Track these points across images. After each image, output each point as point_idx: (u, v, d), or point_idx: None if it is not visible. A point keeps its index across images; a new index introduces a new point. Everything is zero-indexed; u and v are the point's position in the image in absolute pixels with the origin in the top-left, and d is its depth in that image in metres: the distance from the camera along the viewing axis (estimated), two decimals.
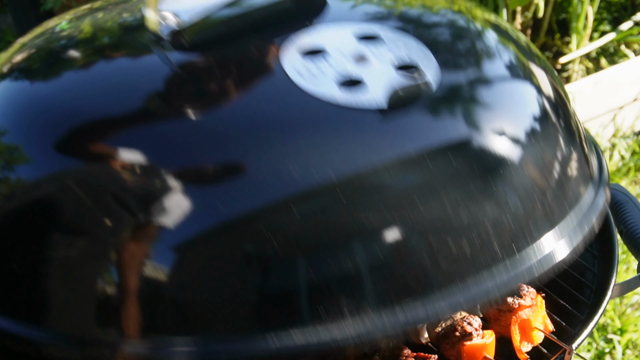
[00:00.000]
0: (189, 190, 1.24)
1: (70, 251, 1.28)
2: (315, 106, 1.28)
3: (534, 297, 1.76)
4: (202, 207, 1.23)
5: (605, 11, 4.78)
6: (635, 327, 3.35)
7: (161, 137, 1.29)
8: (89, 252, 1.27)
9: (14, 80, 1.47)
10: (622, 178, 4.04)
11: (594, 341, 3.30)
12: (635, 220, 2.12)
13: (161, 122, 1.32)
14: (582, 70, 4.60)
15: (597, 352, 3.28)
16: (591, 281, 2.02)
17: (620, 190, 2.20)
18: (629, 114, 4.39)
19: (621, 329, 3.34)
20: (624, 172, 4.08)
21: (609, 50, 4.75)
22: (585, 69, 4.62)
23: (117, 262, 1.24)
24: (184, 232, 1.24)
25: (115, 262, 1.24)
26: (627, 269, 3.57)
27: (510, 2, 4.10)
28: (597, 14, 4.68)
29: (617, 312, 3.41)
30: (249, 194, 1.23)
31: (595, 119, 4.30)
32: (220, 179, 1.25)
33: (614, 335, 3.33)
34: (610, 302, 2.67)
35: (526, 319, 1.75)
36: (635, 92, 4.36)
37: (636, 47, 4.82)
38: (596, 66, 4.64)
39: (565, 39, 4.68)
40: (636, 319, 3.38)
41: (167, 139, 1.28)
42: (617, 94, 4.32)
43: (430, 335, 1.77)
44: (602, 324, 3.37)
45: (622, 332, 3.34)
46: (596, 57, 4.69)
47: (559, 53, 4.65)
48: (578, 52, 4.42)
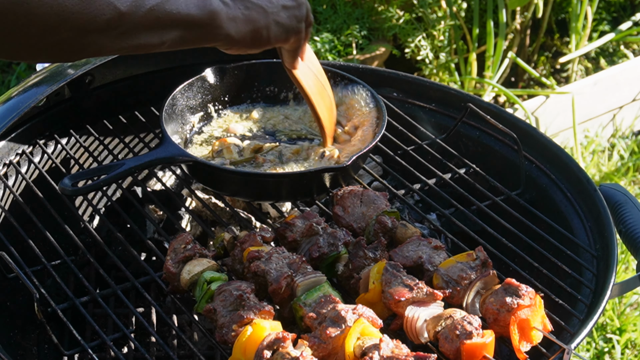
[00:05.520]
0: None
1: None
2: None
3: (532, 297, 1.76)
4: None
5: (604, 11, 4.78)
6: (634, 326, 3.36)
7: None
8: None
9: None
10: (621, 178, 4.04)
11: (593, 341, 3.30)
12: (634, 220, 2.12)
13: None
14: (581, 70, 4.60)
15: (596, 351, 3.28)
16: (590, 281, 2.03)
17: (620, 190, 2.21)
18: (628, 114, 4.39)
19: (620, 329, 3.34)
20: (623, 171, 4.09)
21: (608, 51, 4.75)
22: (585, 69, 4.62)
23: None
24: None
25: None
26: (626, 268, 3.58)
27: (509, 2, 4.10)
28: (596, 14, 4.68)
29: (616, 312, 3.41)
30: None
31: (595, 118, 4.30)
32: None
33: (613, 334, 3.33)
34: (609, 301, 2.67)
35: (525, 319, 1.75)
36: (634, 92, 4.36)
37: (635, 47, 4.82)
38: (595, 66, 4.64)
39: (565, 39, 4.69)
40: (635, 318, 3.38)
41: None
42: (616, 94, 4.32)
43: (429, 335, 1.78)
44: (601, 324, 3.38)
45: (621, 331, 3.34)
46: (595, 57, 4.69)
47: (558, 53, 4.65)
48: (577, 52, 4.42)
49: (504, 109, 2.70)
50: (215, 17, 1.71)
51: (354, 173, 2.18)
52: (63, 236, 2.04)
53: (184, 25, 1.65)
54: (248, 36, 1.79)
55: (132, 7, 1.56)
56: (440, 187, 2.24)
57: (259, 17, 1.81)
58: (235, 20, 1.75)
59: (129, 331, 1.85)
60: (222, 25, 1.72)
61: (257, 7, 1.81)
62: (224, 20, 1.72)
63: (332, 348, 1.67)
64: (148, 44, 1.63)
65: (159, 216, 2.42)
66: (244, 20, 1.78)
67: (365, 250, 1.90)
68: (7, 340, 2.04)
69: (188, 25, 1.66)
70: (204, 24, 1.69)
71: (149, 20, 1.59)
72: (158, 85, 2.40)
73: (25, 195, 2.18)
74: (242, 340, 1.68)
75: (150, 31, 1.61)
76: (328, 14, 3.99)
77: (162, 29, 1.63)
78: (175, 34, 1.65)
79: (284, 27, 1.89)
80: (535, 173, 2.31)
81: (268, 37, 1.85)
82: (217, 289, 1.80)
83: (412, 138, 2.38)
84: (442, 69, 4.11)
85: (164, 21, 1.62)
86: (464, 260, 1.86)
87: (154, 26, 1.61)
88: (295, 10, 1.90)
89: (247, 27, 1.78)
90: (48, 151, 2.30)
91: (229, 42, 1.77)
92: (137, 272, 2.10)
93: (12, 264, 1.84)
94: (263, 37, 1.84)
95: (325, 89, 2.25)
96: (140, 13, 1.57)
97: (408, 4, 4.02)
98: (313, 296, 1.79)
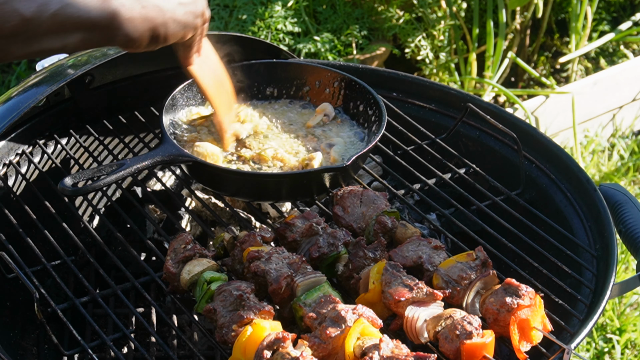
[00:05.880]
0: None
1: None
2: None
3: (532, 297, 1.76)
4: None
5: (604, 11, 4.78)
6: (634, 326, 3.35)
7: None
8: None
9: None
10: (621, 178, 4.04)
11: (593, 341, 3.30)
12: (634, 220, 2.12)
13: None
14: (581, 70, 4.60)
15: (596, 351, 3.28)
16: (590, 281, 2.03)
17: (620, 190, 2.21)
18: (628, 114, 4.39)
19: (620, 329, 3.34)
20: (623, 171, 4.08)
21: (608, 51, 4.75)
22: (585, 69, 4.62)
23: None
24: None
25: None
26: (626, 268, 3.58)
27: (509, 2, 4.10)
28: (596, 14, 4.68)
29: (616, 312, 3.41)
30: None
31: (595, 118, 4.30)
32: None
33: (613, 335, 3.33)
34: (609, 301, 2.67)
35: (525, 319, 1.75)
36: (634, 92, 4.36)
37: (635, 47, 4.82)
38: (595, 66, 4.64)
39: (565, 39, 4.69)
40: (635, 318, 3.38)
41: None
42: (616, 94, 4.32)
43: (429, 335, 1.78)
44: (601, 324, 3.38)
45: (621, 331, 3.34)
46: (595, 57, 4.69)
47: (558, 53, 4.65)
48: (577, 52, 4.42)
49: (504, 109, 2.70)
50: (114, 19, 1.72)
51: (354, 173, 2.18)
52: (63, 236, 2.04)
53: (85, 29, 1.67)
54: (145, 35, 1.79)
55: (36, 12, 1.59)
56: (440, 187, 2.24)
57: (155, 15, 1.80)
58: (133, 21, 1.75)
59: (129, 331, 1.85)
60: (119, 27, 1.73)
61: (153, 5, 1.80)
62: (122, 21, 1.73)
63: (332, 348, 1.67)
64: (50, 49, 1.66)
65: (158, 216, 2.42)
66: (141, 19, 1.77)
67: (365, 250, 1.90)
68: (7, 340, 2.04)
69: (89, 28, 1.68)
70: (103, 26, 1.71)
71: (52, 25, 1.62)
72: (158, 85, 2.40)
73: (25, 195, 2.18)
74: (242, 340, 1.68)
75: (53, 35, 1.64)
76: (328, 14, 3.99)
77: (64, 33, 1.65)
78: (77, 37, 1.67)
79: (180, 24, 1.88)
80: (535, 173, 2.31)
81: (165, 34, 1.85)
82: (217, 289, 1.80)
83: (412, 138, 2.38)
84: (442, 69, 4.11)
85: (66, 25, 1.64)
86: (464, 260, 1.86)
87: (57, 30, 1.64)
88: (191, 6, 1.89)
89: (144, 26, 1.78)
90: (48, 151, 2.30)
91: (127, 42, 1.77)
92: (137, 272, 2.10)
93: (12, 264, 1.84)
94: (160, 36, 1.83)
95: (223, 84, 2.26)
96: (44, 18, 1.60)
97: (408, 4, 4.02)
98: (313, 296, 1.79)
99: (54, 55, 1.68)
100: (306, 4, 3.99)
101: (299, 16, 3.92)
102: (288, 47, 3.83)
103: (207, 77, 2.18)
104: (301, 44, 3.82)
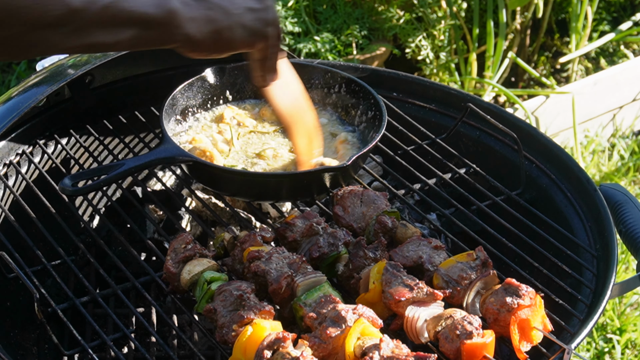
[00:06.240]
0: None
1: None
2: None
3: (533, 297, 1.76)
4: None
5: (604, 11, 4.78)
6: (634, 326, 3.35)
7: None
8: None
9: None
10: (621, 178, 4.04)
11: (593, 341, 3.30)
12: (634, 220, 2.12)
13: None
14: (581, 70, 4.60)
15: (597, 351, 3.28)
16: (590, 281, 2.03)
17: (620, 190, 2.21)
18: (628, 114, 4.39)
19: (620, 329, 3.34)
20: (623, 171, 4.08)
21: (608, 51, 4.75)
22: (585, 69, 4.62)
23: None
24: None
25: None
26: (626, 268, 3.58)
27: (509, 2, 4.10)
28: (597, 14, 4.68)
29: (617, 312, 3.41)
30: None
31: (595, 118, 4.30)
32: None
33: (613, 335, 3.33)
34: (609, 301, 2.67)
35: (525, 319, 1.75)
36: (634, 92, 4.36)
37: (635, 47, 4.82)
38: (595, 66, 4.64)
39: (565, 39, 4.68)
40: (635, 318, 3.38)
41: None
42: (616, 94, 4.32)
43: (429, 335, 1.78)
44: (601, 324, 3.38)
45: (622, 331, 3.34)
46: (595, 57, 4.69)
47: (558, 53, 4.65)
48: (577, 52, 4.42)
49: (504, 109, 2.70)
50: (173, 17, 1.63)
51: (354, 173, 2.18)
52: (63, 236, 2.04)
53: (141, 24, 1.59)
54: (209, 37, 1.71)
55: (86, 3, 1.50)
56: (440, 187, 2.24)
57: (221, 17, 1.72)
58: (195, 21, 1.67)
59: (129, 331, 1.85)
60: (181, 25, 1.65)
61: (219, 7, 1.72)
62: (183, 20, 1.64)
63: (332, 348, 1.67)
64: (102, 43, 1.57)
65: (159, 216, 2.42)
66: (205, 20, 1.69)
67: (366, 250, 1.90)
68: (7, 340, 2.04)
69: (145, 24, 1.59)
70: (161, 23, 1.62)
71: (103, 18, 1.53)
72: (158, 85, 2.40)
73: (25, 195, 2.18)
74: (242, 340, 1.68)
75: (105, 29, 1.55)
76: (328, 14, 3.99)
77: (117, 28, 1.56)
78: (131, 33, 1.58)
79: (248, 29, 1.78)
80: (536, 173, 2.31)
81: (231, 39, 1.75)
82: (217, 289, 1.79)
83: (412, 138, 2.38)
84: (442, 69, 4.11)
85: (119, 19, 1.56)
86: (464, 260, 1.86)
87: (108, 24, 1.55)
88: (261, 13, 1.79)
89: (208, 28, 1.70)
90: (48, 151, 2.30)
91: (189, 43, 1.69)
92: (137, 272, 2.10)
93: (12, 264, 1.84)
94: (225, 39, 1.74)
95: (304, 115, 2.13)
96: (94, 10, 1.51)
97: (408, 4, 4.02)
98: (313, 296, 1.79)
99: (107, 51, 1.60)
100: (306, 4, 3.99)
101: (299, 16, 3.92)
102: (288, 47, 3.83)
103: (285, 103, 2.05)
104: (301, 44, 3.83)
